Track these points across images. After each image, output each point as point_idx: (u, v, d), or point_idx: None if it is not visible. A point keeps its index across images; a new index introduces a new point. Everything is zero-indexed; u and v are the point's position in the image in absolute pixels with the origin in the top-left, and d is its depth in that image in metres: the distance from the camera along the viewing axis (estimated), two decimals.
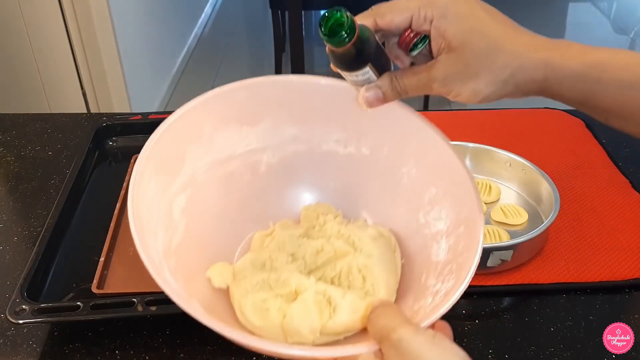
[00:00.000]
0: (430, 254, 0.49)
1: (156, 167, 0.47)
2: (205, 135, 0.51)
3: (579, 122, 1.11)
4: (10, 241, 0.87)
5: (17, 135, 1.11)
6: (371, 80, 0.48)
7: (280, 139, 0.54)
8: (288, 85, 0.53)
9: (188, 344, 0.70)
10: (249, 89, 0.52)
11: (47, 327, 0.73)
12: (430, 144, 0.50)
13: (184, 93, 3.17)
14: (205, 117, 0.51)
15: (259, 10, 4.24)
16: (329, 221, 0.53)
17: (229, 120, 0.52)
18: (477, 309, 0.75)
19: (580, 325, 0.72)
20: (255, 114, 0.52)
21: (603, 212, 0.88)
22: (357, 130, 0.53)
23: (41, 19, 2.26)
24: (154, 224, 0.45)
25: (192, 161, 0.50)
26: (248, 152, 0.53)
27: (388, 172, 0.53)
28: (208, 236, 0.51)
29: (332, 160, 0.54)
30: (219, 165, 0.52)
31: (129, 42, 2.54)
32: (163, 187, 0.48)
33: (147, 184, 0.46)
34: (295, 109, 0.53)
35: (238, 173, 0.53)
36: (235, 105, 0.52)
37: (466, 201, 0.46)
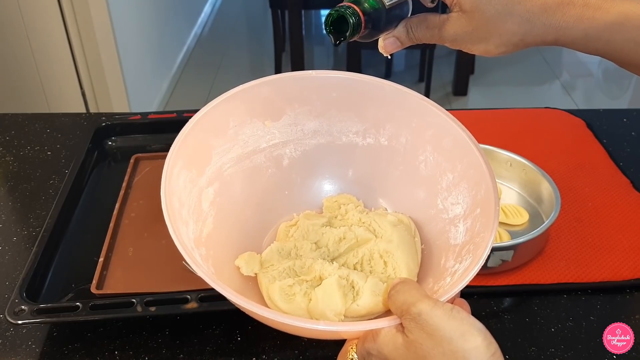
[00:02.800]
0: (448, 237, 0.50)
1: (185, 161, 0.49)
2: (230, 130, 0.53)
3: (580, 122, 1.11)
4: (9, 241, 0.87)
5: (16, 135, 1.11)
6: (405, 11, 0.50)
7: (302, 132, 0.56)
8: (307, 80, 0.55)
9: (187, 344, 0.70)
10: (271, 84, 0.54)
11: (46, 327, 0.73)
12: (445, 130, 0.52)
13: (183, 93, 3.17)
14: (230, 112, 0.53)
15: (259, 10, 4.23)
16: (350, 210, 0.55)
17: (253, 115, 0.54)
18: (477, 310, 0.75)
19: (580, 326, 0.72)
20: (278, 109, 0.55)
21: (604, 212, 0.88)
22: (375, 122, 0.55)
23: (40, 19, 2.26)
24: (185, 214, 0.48)
25: (219, 155, 0.52)
26: (271, 146, 0.55)
27: (406, 160, 0.54)
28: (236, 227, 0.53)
29: (352, 152, 0.56)
30: (245, 159, 0.54)
31: (128, 41, 2.53)
32: (192, 180, 0.50)
33: (177, 177, 0.48)
34: (315, 103, 0.55)
35: (263, 166, 0.55)
36: (258, 101, 0.54)
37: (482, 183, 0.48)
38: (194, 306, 0.69)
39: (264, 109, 0.54)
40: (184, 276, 0.77)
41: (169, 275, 0.78)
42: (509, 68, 3.39)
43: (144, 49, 2.81)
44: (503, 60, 3.46)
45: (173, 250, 0.82)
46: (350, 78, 0.55)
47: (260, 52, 3.70)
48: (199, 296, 0.69)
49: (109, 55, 2.40)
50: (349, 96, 0.55)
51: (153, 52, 2.95)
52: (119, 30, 2.42)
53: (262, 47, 3.74)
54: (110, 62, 2.42)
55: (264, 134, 0.55)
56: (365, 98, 0.54)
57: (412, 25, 0.49)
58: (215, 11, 4.22)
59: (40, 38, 2.30)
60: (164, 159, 1.01)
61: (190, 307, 0.69)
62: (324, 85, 0.55)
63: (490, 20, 0.45)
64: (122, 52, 2.46)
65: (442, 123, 0.52)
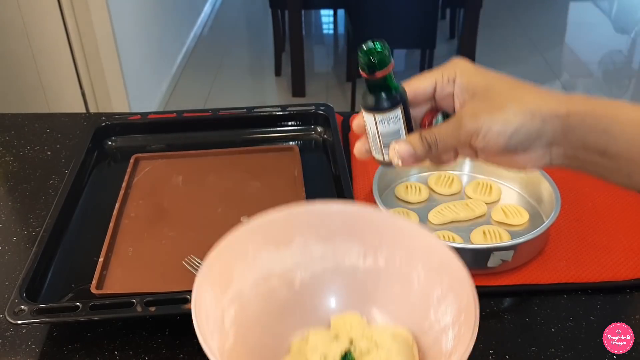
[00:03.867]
0: (441, 345, 0.56)
1: (211, 282, 0.56)
2: (249, 256, 0.61)
3: None
4: (9, 241, 0.87)
5: (16, 135, 1.11)
6: (400, 133, 0.51)
7: (311, 257, 0.63)
8: (314, 211, 0.63)
9: (187, 344, 0.70)
10: (284, 216, 0.61)
11: (46, 327, 0.73)
12: (433, 248, 0.58)
13: (183, 93, 3.17)
14: (250, 240, 0.60)
15: (259, 10, 4.23)
16: (355, 326, 0.62)
17: (268, 242, 0.61)
18: None
19: (580, 326, 0.72)
20: (289, 236, 0.62)
21: (604, 212, 0.88)
22: (374, 245, 0.62)
23: (40, 19, 2.26)
24: (211, 328, 0.55)
25: (239, 278, 0.60)
26: (284, 270, 0.63)
27: (402, 278, 0.61)
28: (254, 343, 0.60)
29: (354, 272, 0.63)
30: (261, 282, 0.61)
31: (128, 41, 2.53)
32: (217, 298, 0.57)
33: (205, 295, 0.55)
34: (321, 230, 0.62)
35: (277, 289, 0.62)
36: (273, 230, 0.61)
37: (464, 293, 0.53)
38: None
39: (277, 236, 0.62)
40: (184, 276, 0.78)
41: (169, 275, 0.78)
42: (509, 68, 3.39)
43: (144, 49, 2.81)
44: (503, 60, 3.46)
45: (173, 250, 0.82)
46: (351, 208, 0.63)
47: (260, 52, 3.70)
48: None
49: (108, 55, 2.40)
50: (351, 223, 0.62)
51: (153, 52, 2.95)
52: (119, 30, 2.42)
53: (262, 47, 3.74)
54: (110, 62, 2.42)
55: (278, 258, 0.62)
56: (364, 225, 0.62)
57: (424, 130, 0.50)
58: (215, 11, 4.22)
59: (40, 38, 2.30)
60: (163, 159, 1.02)
61: (190, 307, 0.68)
62: (329, 214, 0.62)
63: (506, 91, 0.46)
64: (122, 52, 2.46)
65: (428, 243, 0.58)
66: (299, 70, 3.05)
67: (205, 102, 3.11)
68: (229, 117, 1.07)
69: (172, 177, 0.97)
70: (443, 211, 0.87)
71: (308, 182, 0.93)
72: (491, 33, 3.66)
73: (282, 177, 0.96)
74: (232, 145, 1.04)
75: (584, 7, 4.29)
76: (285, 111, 1.08)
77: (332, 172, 0.97)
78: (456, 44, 3.22)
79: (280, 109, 1.08)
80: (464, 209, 0.87)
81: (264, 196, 0.92)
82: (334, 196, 0.91)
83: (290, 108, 1.08)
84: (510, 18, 4.04)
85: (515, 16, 4.06)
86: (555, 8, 4.30)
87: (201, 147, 1.03)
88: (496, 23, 3.87)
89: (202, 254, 0.80)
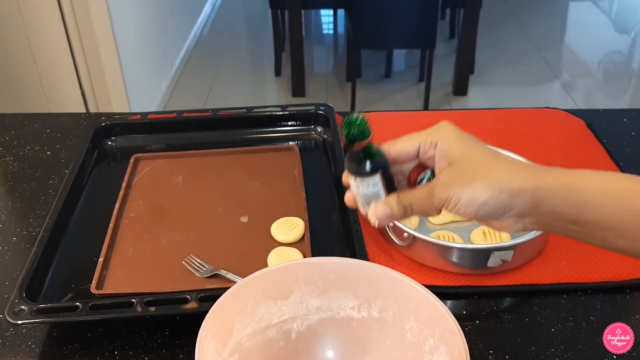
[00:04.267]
0: None
1: (213, 334, 0.58)
2: (249, 309, 0.63)
3: (580, 121, 1.10)
4: (9, 241, 0.87)
5: (15, 135, 1.11)
6: (380, 195, 0.54)
7: (307, 309, 0.65)
8: (311, 265, 0.65)
9: (187, 344, 0.70)
10: (282, 270, 0.64)
11: (46, 327, 0.73)
12: (424, 302, 0.60)
13: (183, 93, 3.17)
14: (249, 293, 0.63)
15: (259, 10, 4.23)
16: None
17: (267, 295, 0.64)
18: (477, 310, 0.75)
19: (580, 326, 0.72)
20: (287, 290, 0.64)
21: None
22: (368, 297, 0.64)
23: (40, 19, 2.26)
24: None
25: (238, 330, 0.62)
26: (282, 321, 0.65)
27: (395, 329, 0.63)
28: None
29: (349, 324, 0.65)
30: (260, 334, 0.63)
31: (127, 41, 2.53)
32: (218, 350, 0.59)
33: (207, 346, 0.57)
34: (318, 283, 0.64)
35: (274, 339, 0.64)
36: (271, 284, 0.64)
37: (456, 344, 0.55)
38: (193, 306, 0.69)
39: (275, 289, 0.64)
40: (183, 276, 0.78)
41: (169, 275, 0.78)
42: (510, 68, 3.39)
43: (144, 49, 2.81)
44: (503, 60, 3.46)
45: (173, 250, 0.82)
46: (346, 262, 0.65)
47: (260, 52, 3.70)
48: (199, 296, 0.69)
49: (108, 55, 2.40)
50: (345, 277, 0.64)
51: (153, 52, 2.95)
52: (119, 30, 2.42)
53: (262, 47, 3.74)
54: (110, 62, 2.42)
55: (276, 311, 0.64)
56: (358, 278, 0.64)
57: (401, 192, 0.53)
58: (215, 11, 4.22)
59: (40, 38, 2.30)
60: (163, 158, 1.02)
61: (190, 307, 0.69)
62: (325, 268, 0.64)
63: (478, 164, 0.48)
64: (122, 52, 2.46)
65: (420, 296, 0.60)
66: (299, 70, 3.05)
67: (205, 102, 3.11)
68: (229, 117, 1.07)
69: (172, 177, 0.97)
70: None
71: (308, 182, 0.93)
72: (491, 33, 3.66)
73: (282, 177, 0.96)
74: (232, 145, 1.04)
75: (584, 7, 4.29)
76: (285, 111, 1.08)
77: (332, 172, 0.97)
78: (456, 44, 3.22)
79: (280, 109, 1.08)
80: None
81: (264, 196, 0.92)
82: (334, 196, 0.91)
83: (290, 108, 1.08)
84: (510, 18, 4.04)
85: (515, 16, 4.06)
86: (555, 8, 4.30)
87: (201, 147, 1.03)
88: (496, 23, 3.87)
89: (202, 253, 0.80)
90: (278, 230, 0.83)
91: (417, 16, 2.64)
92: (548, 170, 0.48)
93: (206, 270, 0.78)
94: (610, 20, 4.12)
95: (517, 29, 3.88)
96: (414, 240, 0.78)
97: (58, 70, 2.38)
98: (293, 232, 0.83)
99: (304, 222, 0.84)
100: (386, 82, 3.26)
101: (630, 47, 3.72)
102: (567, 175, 0.47)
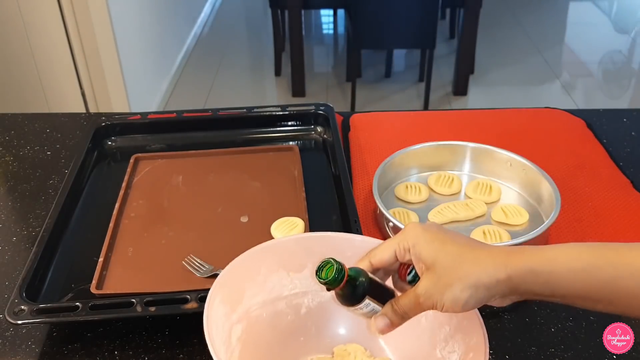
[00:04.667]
0: None
1: (222, 297, 0.58)
2: (260, 277, 0.62)
3: (580, 121, 1.10)
4: (9, 241, 0.87)
5: (16, 135, 1.11)
6: (376, 310, 0.56)
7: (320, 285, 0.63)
8: (327, 239, 0.65)
9: (187, 344, 0.70)
10: (297, 241, 0.64)
11: (46, 327, 0.73)
12: None
13: (183, 93, 3.17)
14: (262, 261, 0.62)
15: (259, 10, 4.23)
16: (357, 357, 0.63)
17: (280, 266, 0.63)
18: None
19: (580, 326, 0.72)
20: (301, 262, 0.64)
21: (604, 212, 0.88)
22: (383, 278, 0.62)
23: (40, 19, 2.25)
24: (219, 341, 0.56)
25: (249, 298, 0.61)
26: (293, 294, 0.64)
27: None
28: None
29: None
30: (269, 304, 0.63)
31: (127, 41, 2.53)
32: (226, 314, 0.59)
33: (216, 308, 0.57)
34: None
35: (283, 312, 0.64)
36: (285, 254, 0.63)
37: (474, 332, 0.55)
38: (193, 306, 0.69)
39: (289, 261, 0.63)
40: (183, 276, 0.78)
41: (169, 275, 0.78)
42: (510, 68, 3.39)
43: (144, 48, 2.81)
44: (503, 60, 3.46)
45: (173, 250, 0.82)
46: (363, 240, 0.64)
47: (260, 52, 3.70)
48: (199, 296, 0.69)
49: (108, 55, 2.40)
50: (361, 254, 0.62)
51: (153, 52, 2.95)
52: (119, 30, 2.42)
53: (262, 47, 3.74)
54: (110, 62, 2.42)
55: (288, 282, 0.64)
56: None
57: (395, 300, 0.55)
58: (215, 11, 4.22)
59: (40, 38, 2.30)
60: (163, 158, 1.02)
61: (190, 307, 0.69)
62: (341, 244, 0.64)
63: (449, 268, 0.51)
64: (122, 52, 2.46)
65: None
66: (299, 70, 3.05)
67: (205, 102, 3.11)
68: (229, 117, 1.07)
69: (172, 177, 0.97)
70: (443, 211, 0.87)
71: (308, 182, 0.93)
72: (491, 33, 3.66)
73: (282, 177, 0.96)
74: (232, 145, 1.05)
75: (584, 7, 4.29)
76: (285, 111, 1.08)
77: (332, 172, 0.97)
78: (456, 43, 3.22)
79: (280, 109, 1.08)
80: (464, 209, 0.87)
81: (264, 196, 0.92)
82: (334, 196, 0.91)
83: (290, 108, 1.08)
84: (510, 18, 4.04)
85: (515, 16, 4.06)
86: (555, 8, 4.30)
87: (201, 147, 1.03)
88: (496, 23, 3.87)
89: (202, 253, 0.80)
90: (278, 230, 0.83)
91: (417, 16, 2.64)
92: (516, 255, 0.50)
93: (206, 270, 0.78)
94: (610, 20, 4.12)
95: (517, 29, 3.88)
96: None
97: (58, 70, 2.38)
98: (293, 232, 0.83)
99: (304, 222, 0.84)
100: (386, 82, 3.26)
101: (630, 47, 3.72)
102: (535, 257, 0.50)
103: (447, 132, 1.07)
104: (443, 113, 1.15)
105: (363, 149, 1.03)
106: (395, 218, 0.80)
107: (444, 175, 0.94)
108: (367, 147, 1.04)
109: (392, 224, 0.80)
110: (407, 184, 0.92)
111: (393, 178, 0.94)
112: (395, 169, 0.93)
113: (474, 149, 0.95)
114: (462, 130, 1.07)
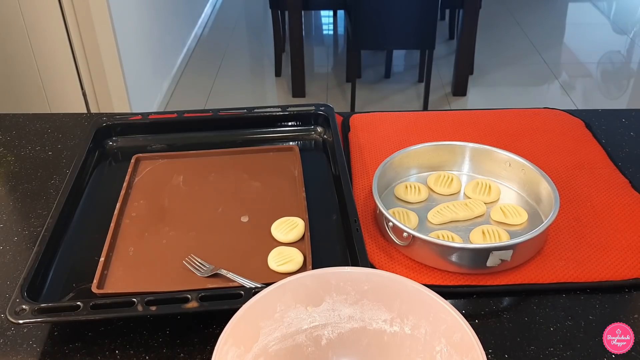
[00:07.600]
0: None
1: (235, 339, 0.58)
2: (277, 314, 0.62)
3: (579, 122, 1.11)
4: (10, 241, 0.87)
5: (17, 135, 1.12)
6: None
7: (339, 317, 0.65)
8: (344, 274, 0.64)
9: (188, 344, 0.70)
10: (313, 277, 0.64)
11: (47, 327, 0.73)
12: (455, 326, 0.59)
13: (184, 93, 3.17)
14: (279, 299, 0.62)
15: (259, 10, 4.24)
16: None
17: (297, 301, 0.64)
18: (476, 309, 0.75)
19: (580, 325, 0.72)
20: (318, 297, 0.64)
21: (603, 212, 0.88)
22: (400, 312, 0.64)
23: (41, 19, 2.26)
24: None
25: (265, 335, 0.61)
26: (312, 327, 0.65)
27: (426, 349, 0.62)
28: None
29: (381, 337, 0.65)
30: (288, 338, 0.63)
31: (128, 42, 2.54)
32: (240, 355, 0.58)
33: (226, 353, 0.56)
34: (350, 293, 0.64)
35: (303, 345, 0.64)
36: (302, 290, 0.64)
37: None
38: (194, 305, 0.69)
39: (306, 296, 0.64)
40: (184, 276, 0.78)
41: (170, 275, 0.78)
42: (509, 68, 3.39)
43: (145, 49, 2.81)
44: (502, 61, 3.46)
45: (174, 250, 0.82)
46: (379, 274, 0.64)
47: (260, 53, 3.70)
48: (200, 296, 0.70)
49: (109, 56, 2.40)
50: (379, 289, 0.64)
51: (154, 53, 2.95)
52: (120, 30, 2.42)
53: (262, 48, 3.74)
54: (111, 62, 2.42)
55: (306, 317, 0.64)
56: (392, 292, 0.63)
57: None
58: (216, 12, 4.22)
59: (41, 38, 2.30)
60: (164, 159, 1.03)
61: (190, 306, 0.69)
62: (358, 279, 0.64)
63: None
64: (123, 52, 2.46)
65: (452, 320, 0.59)
66: (299, 71, 3.05)
67: (205, 102, 3.11)
68: (230, 117, 1.08)
69: (172, 177, 0.97)
70: (442, 211, 0.87)
71: (308, 182, 0.94)
72: (490, 33, 3.66)
73: (282, 177, 0.96)
74: (233, 146, 1.05)
75: (583, 7, 4.30)
76: (286, 111, 1.08)
77: (332, 172, 0.97)
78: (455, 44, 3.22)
79: (280, 109, 1.08)
80: (463, 208, 0.88)
81: (264, 196, 0.92)
82: (334, 196, 0.92)
83: (291, 108, 1.08)
84: (509, 18, 4.04)
85: (514, 17, 4.06)
86: (554, 8, 4.30)
87: (202, 147, 1.04)
88: (496, 23, 3.88)
89: (203, 253, 0.81)
90: (278, 230, 0.84)
91: (416, 17, 2.64)
92: None
93: (207, 270, 0.78)
94: (609, 20, 4.12)
95: (516, 30, 3.88)
96: (414, 240, 0.78)
97: (59, 71, 2.38)
98: (293, 232, 0.83)
99: (304, 222, 0.85)
100: (386, 83, 3.26)
101: (629, 48, 3.72)
102: None
103: (446, 132, 1.08)
104: (442, 113, 1.15)
105: (363, 149, 1.04)
106: (395, 218, 0.81)
107: (444, 175, 0.94)
108: (367, 147, 1.04)
109: (392, 223, 0.80)
110: (406, 184, 0.93)
111: (393, 178, 0.94)
112: (394, 169, 0.94)
113: (473, 149, 0.95)
114: (461, 130, 1.07)
